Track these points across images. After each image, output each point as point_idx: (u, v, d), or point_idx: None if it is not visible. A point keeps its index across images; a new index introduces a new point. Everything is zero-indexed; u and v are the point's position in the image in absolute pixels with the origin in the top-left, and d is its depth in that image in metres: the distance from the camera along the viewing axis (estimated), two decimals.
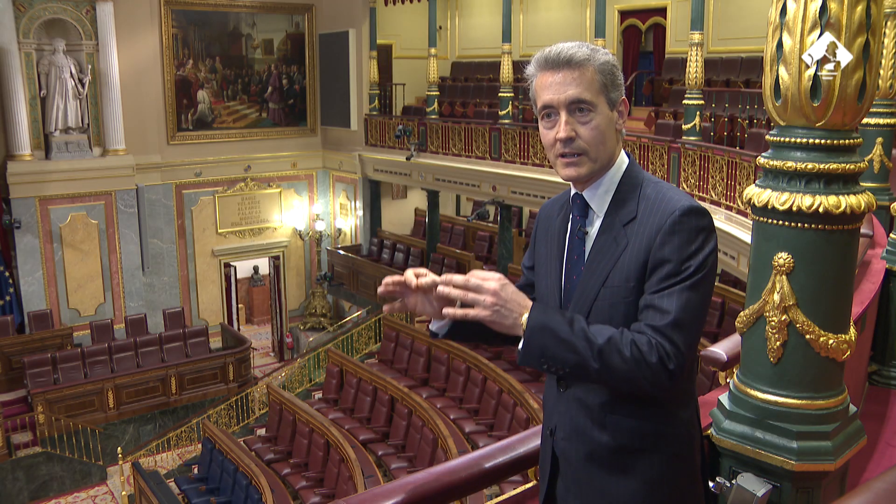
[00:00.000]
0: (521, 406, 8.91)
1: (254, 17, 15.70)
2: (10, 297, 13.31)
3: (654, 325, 1.44)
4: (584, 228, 1.60)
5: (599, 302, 1.53)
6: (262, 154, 16.05)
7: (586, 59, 1.51)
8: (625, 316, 1.51)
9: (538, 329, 1.44)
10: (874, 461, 2.74)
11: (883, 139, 4.09)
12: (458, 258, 13.87)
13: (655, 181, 1.58)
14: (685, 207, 1.48)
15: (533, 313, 1.45)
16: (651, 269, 1.48)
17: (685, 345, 1.45)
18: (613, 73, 1.54)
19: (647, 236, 1.50)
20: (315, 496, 8.86)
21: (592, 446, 1.59)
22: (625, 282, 1.51)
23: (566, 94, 1.51)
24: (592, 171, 1.55)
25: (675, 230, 1.46)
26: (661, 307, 1.45)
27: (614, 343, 1.42)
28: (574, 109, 1.52)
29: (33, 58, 13.21)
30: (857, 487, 1.15)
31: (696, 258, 1.47)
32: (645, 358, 1.42)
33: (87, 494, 11.59)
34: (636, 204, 1.54)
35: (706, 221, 1.49)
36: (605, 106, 1.53)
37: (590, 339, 1.43)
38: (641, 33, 13.47)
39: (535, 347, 1.45)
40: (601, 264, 1.55)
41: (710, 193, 8.69)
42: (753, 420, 1.76)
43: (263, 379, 13.46)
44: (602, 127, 1.53)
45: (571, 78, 1.51)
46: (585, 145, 1.53)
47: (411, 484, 1.77)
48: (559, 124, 1.53)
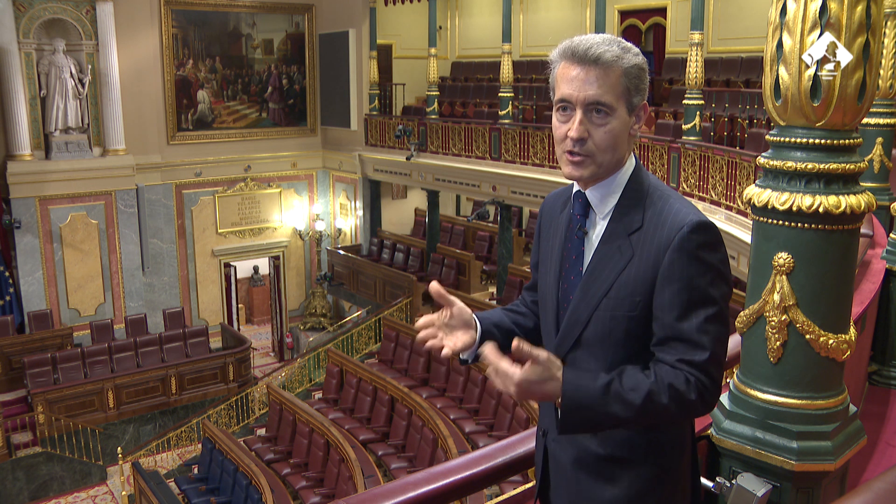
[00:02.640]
0: (521, 406, 8.91)
1: (254, 17, 15.70)
2: (10, 297, 13.31)
3: (687, 360, 1.42)
4: (584, 228, 1.57)
5: (601, 312, 1.50)
6: (262, 154, 16.05)
7: (614, 61, 1.45)
8: (626, 330, 1.48)
9: (574, 410, 1.41)
10: (874, 461, 2.74)
11: (883, 139, 4.09)
12: (458, 258, 13.88)
13: (662, 189, 1.54)
14: (693, 224, 1.43)
15: (566, 396, 1.40)
16: (660, 289, 1.45)
17: (720, 374, 1.45)
18: (640, 76, 1.48)
19: (654, 251, 1.46)
20: (315, 496, 8.86)
21: (580, 452, 1.57)
22: (629, 296, 1.47)
23: (586, 94, 1.45)
24: (595, 174, 1.51)
25: (684, 249, 1.43)
26: (693, 341, 1.42)
27: (651, 395, 1.40)
28: (591, 110, 1.46)
29: (33, 58, 13.20)
30: (857, 487, 1.14)
31: (711, 280, 1.44)
32: (685, 398, 1.41)
33: (87, 494, 11.58)
34: (642, 212, 1.50)
35: (714, 237, 1.46)
36: (623, 110, 1.48)
37: (627, 401, 1.40)
38: (641, 33, 13.47)
39: (573, 422, 1.42)
40: (604, 273, 1.51)
41: (710, 193, 8.69)
42: (753, 420, 1.76)
43: (263, 379, 13.45)
44: (616, 132, 1.48)
45: (595, 76, 1.45)
46: (595, 148, 1.48)
47: (411, 484, 1.77)
48: (573, 121, 1.47)
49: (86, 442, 11.73)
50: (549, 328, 1.63)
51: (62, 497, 11.46)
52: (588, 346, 1.53)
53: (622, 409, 1.39)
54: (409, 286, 13.51)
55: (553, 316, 1.61)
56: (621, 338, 1.49)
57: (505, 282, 12.58)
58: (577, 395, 1.39)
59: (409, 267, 14.69)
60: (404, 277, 13.83)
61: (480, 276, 13.83)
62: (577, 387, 1.40)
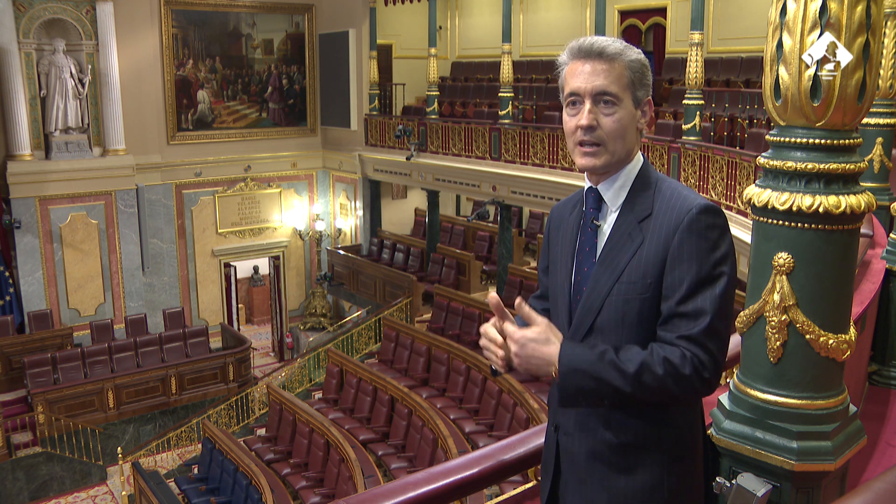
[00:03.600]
0: (521, 406, 8.91)
1: (254, 17, 15.71)
2: (10, 297, 13.32)
3: (685, 335, 1.46)
4: (597, 221, 1.62)
5: (613, 297, 1.54)
6: (262, 154, 16.06)
7: (618, 53, 1.54)
8: (639, 313, 1.52)
9: (570, 373, 1.47)
10: (874, 461, 2.74)
11: (883, 139, 4.09)
12: (458, 258, 13.88)
13: (669, 180, 1.61)
14: (701, 206, 1.50)
15: (563, 359, 1.48)
16: (669, 269, 1.50)
17: (719, 350, 1.48)
18: (643, 71, 1.57)
19: (664, 233, 1.51)
20: (315, 496, 8.86)
21: (596, 443, 1.59)
22: (642, 278, 1.52)
23: (593, 84, 1.54)
24: (609, 163, 1.58)
25: (693, 229, 1.48)
26: (690, 315, 1.46)
27: (646, 366, 1.45)
28: (599, 100, 1.55)
29: (33, 58, 13.21)
30: (857, 487, 1.15)
31: (718, 260, 1.48)
32: (679, 371, 1.44)
33: (87, 494, 11.59)
34: (651, 200, 1.56)
35: (722, 220, 1.52)
36: (629, 102, 1.56)
37: (621, 369, 1.45)
38: (641, 33, 13.47)
39: (571, 389, 1.49)
40: (616, 259, 1.56)
41: (710, 193, 8.70)
42: (753, 420, 1.76)
43: (263, 379, 13.45)
44: (625, 122, 1.55)
45: (601, 69, 1.54)
46: (605, 136, 1.55)
47: (411, 484, 1.77)
48: (582, 111, 1.55)
49: (86, 442, 11.74)
50: (562, 322, 1.65)
51: (62, 497, 11.46)
52: (602, 332, 1.56)
53: (618, 377, 1.45)
54: (409, 286, 13.51)
55: (566, 308, 1.65)
56: (634, 321, 1.53)
57: (505, 282, 12.58)
58: (572, 358, 1.47)
59: (409, 267, 14.69)
60: (404, 277, 13.83)
61: (480, 276, 13.83)
62: (572, 351, 1.49)
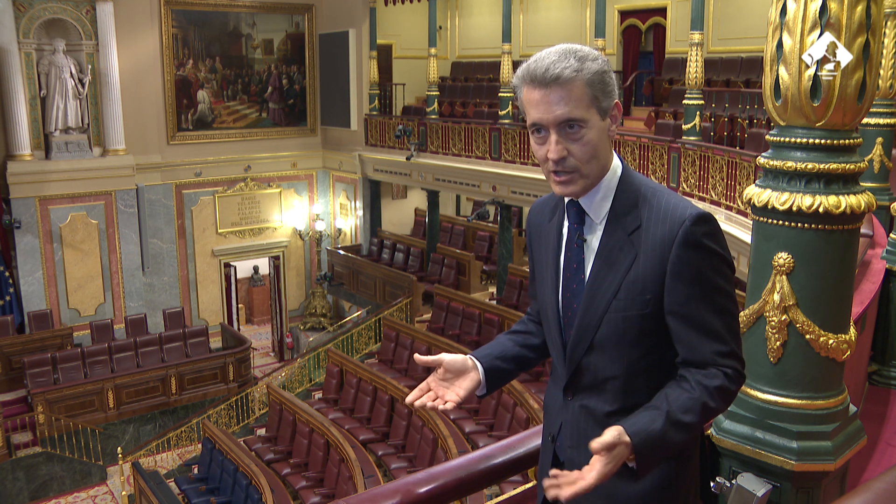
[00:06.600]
0: (521, 406, 8.90)
1: (254, 17, 15.70)
2: (10, 297, 13.31)
3: (721, 351, 1.47)
4: (584, 237, 1.56)
5: (611, 314, 1.50)
6: (262, 154, 16.05)
7: (574, 76, 1.43)
8: (640, 329, 1.49)
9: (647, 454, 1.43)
10: (874, 461, 2.74)
11: (883, 139, 4.09)
12: (458, 258, 13.88)
13: (653, 185, 1.55)
14: (694, 217, 1.45)
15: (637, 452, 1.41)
16: (672, 286, 1.46)
17: (740, 347, 1.51)
18: (604, 80, 1.46)
19: (658, 246, 1.47)
20: (315, 496, 8.86)
21: None
22: (640, 294, 1.48)
23: (554, 115, 1.44)
24: (586, 186, 1.51)
25: (689, 242, 1.45)
26: (716, 332, 1.47)
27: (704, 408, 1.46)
28: (564, 127, 1.45)
29: (33, 58, 13.20)
30: (857, 487, 1.14)
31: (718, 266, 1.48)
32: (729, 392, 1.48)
33: (87, 494, 11.58)
34: (639, 210, 1.50)
35: (714, 226, 1.49)
36: (596, 118, 1.46)
37: (685, 424, 1.45)
38: (641, 33, 13.47)
39: (649, 468, 1.46)
40: (609, 276, 1.51)
41: (710, 193, 8.69)
42: (753, 420, 1.76)
43: (263, 379, 13.44)
44: (595, 141, 1.47)
45: (559, 96, 1.43)
46: (577, 163, 1.47)
47: (411, 484, 1.77)
48: (549, 143, 1.47)
49: (86, 442, 11.73)
50: (554, 338, 1.63)
51: (62, 497, 11.46)
52: (602, 350, 1.53)
53: (685, 434, 1.46)
54: (409, 286, 13.51)
55: (556, 326, 1.61)
56: (636, 337, 1.50)
57: (505, 282, 12.58)
58: (645, 446, 1.42)
59: (409, 267, 14.69)
60: (404, 277, 13.83)
61: (480, 276, 13.83)
62: (643, 439, 1.42)
